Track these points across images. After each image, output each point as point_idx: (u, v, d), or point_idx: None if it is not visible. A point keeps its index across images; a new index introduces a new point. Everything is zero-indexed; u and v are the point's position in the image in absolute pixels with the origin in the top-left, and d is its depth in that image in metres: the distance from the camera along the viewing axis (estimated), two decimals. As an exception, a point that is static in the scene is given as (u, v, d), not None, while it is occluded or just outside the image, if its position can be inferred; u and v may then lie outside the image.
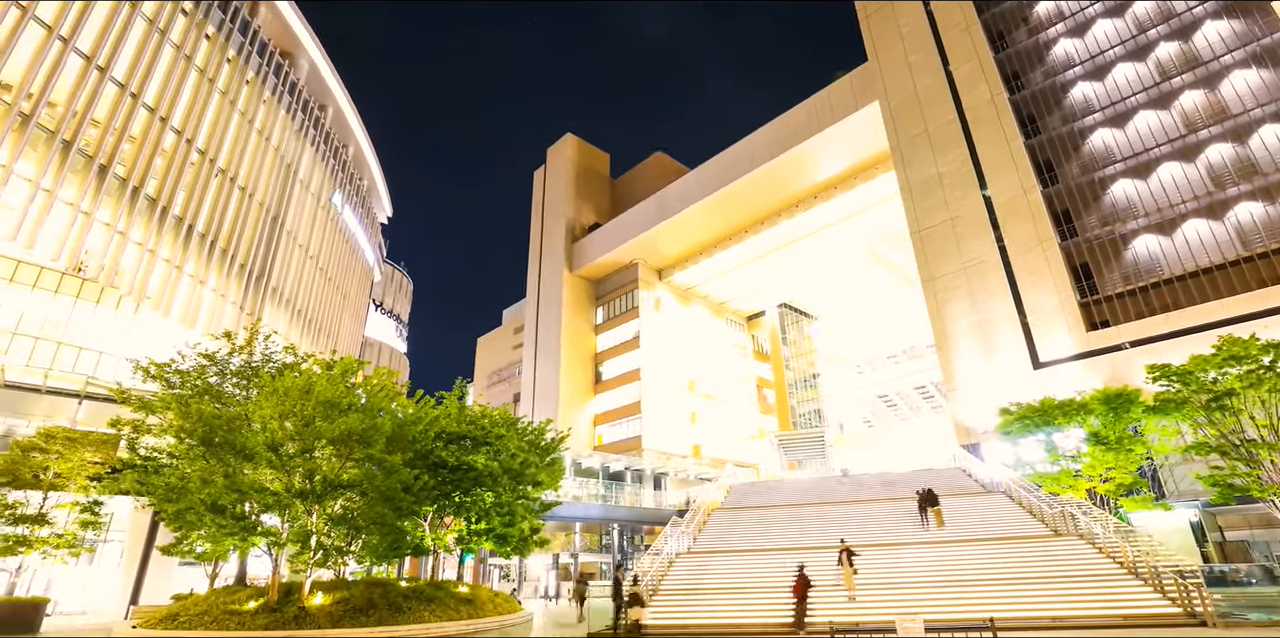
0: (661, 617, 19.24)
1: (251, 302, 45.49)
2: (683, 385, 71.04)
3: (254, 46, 46.59)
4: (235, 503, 18.53)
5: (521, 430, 28.09)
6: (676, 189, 67.56)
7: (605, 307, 76.05)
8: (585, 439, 67.24)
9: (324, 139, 58.55)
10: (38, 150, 31.46)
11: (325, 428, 18.36)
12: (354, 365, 22.85)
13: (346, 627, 16.43)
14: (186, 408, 19.76)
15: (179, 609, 17.60)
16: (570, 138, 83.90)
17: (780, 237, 65.81)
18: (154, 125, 37.55)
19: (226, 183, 43.49)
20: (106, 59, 34.53)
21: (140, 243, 36.44)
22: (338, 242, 63.39)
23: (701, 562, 23.89)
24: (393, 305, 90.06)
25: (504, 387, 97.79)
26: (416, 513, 23.18)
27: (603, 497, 46.48)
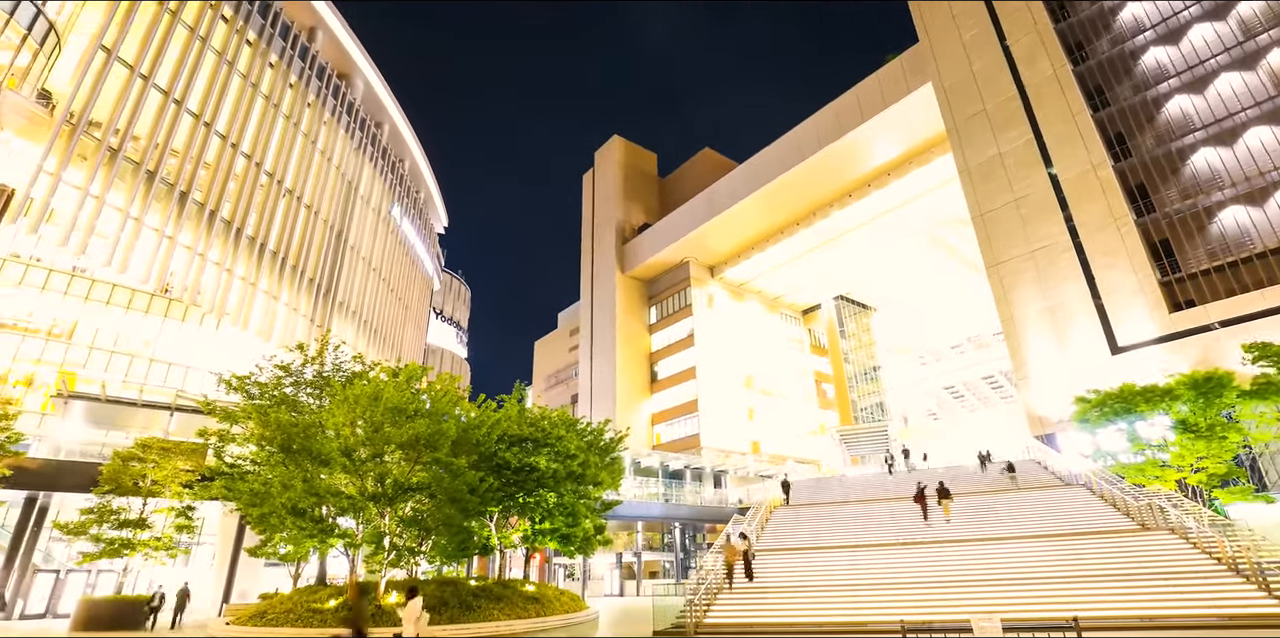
0: (727, 615, 19.14)
1: (321, 314, 47.69)
2: (739, 382, 70.44)
3: (313, 71, 48.82)
4: (313, 507, 19.49)
5: (581, 431, 28.45)
6: (725, 185, 67.04)
7: (658, 306, 76.16)
8: (643, 439, 67.53)
9: (381, 155, 60.76)
10: (126, 181, 33.85)
11: (394, 433, 19.03)
12: (418, 372, 23.62)
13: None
14: (266, 417, 20.86)
15: (266, 607, 18.68)
16: (617, 140, 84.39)
17: (834, 228, 64.43)
18: (226, 151, 39.83)
19: (293, 202, 45.72)
20: (182, 92, 36.84)
21: (218, 263, 38.72)
22: (398, 253, 65.68)
23: (765, 560, 23.63)
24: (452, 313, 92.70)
25: (562, 389, 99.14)
26: (483, 514, 23.81)
27: (663, 496, 46.60)
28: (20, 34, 27.78)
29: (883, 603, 18.00)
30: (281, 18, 45.60)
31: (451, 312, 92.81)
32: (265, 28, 43.64)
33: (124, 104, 33.67)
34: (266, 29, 43.77)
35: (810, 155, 57.93)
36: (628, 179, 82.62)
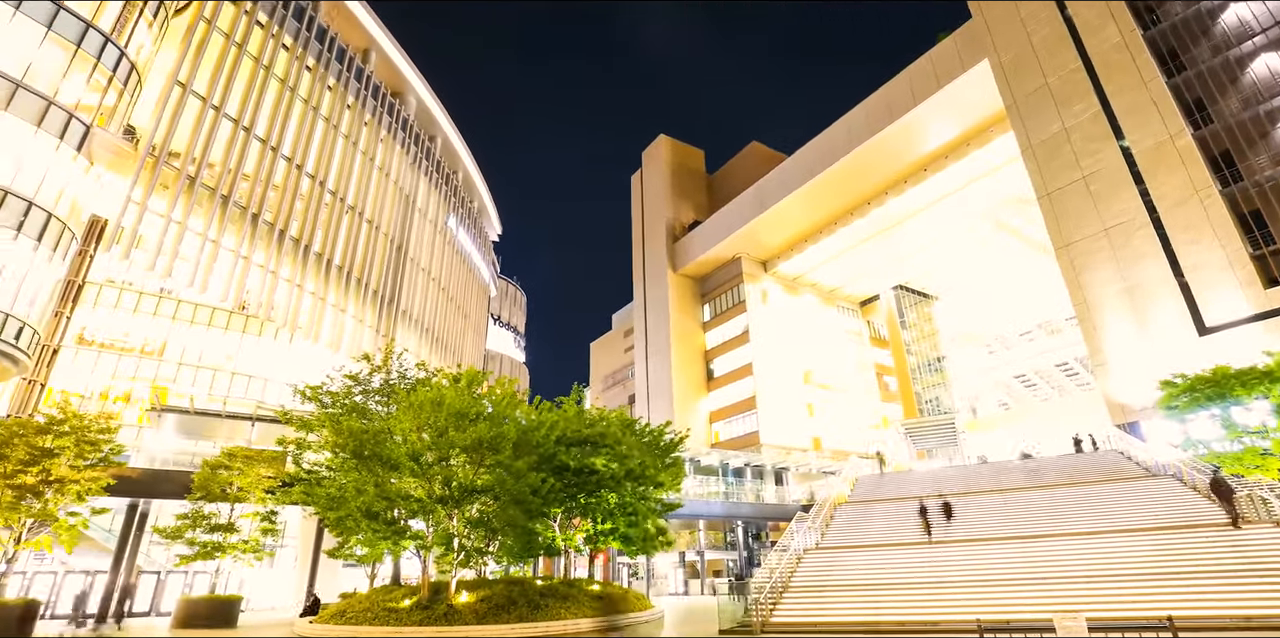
0: (793, 614, 18.93)
1: (385, 324, 49.58)
2: (797, 378, 69.30)
3: (368, 91, 50.80)
4: (386, 510, 20.29)
5: (639, 432, 28.60)
6: (775, 178, 66.09)
7: (711, 303, 75.74)
8: (702, 437, 67.34)
9: (435, 168, 62.67)
10: (203, 206, 36.09)
11: (457, 437, 19.61)
12: (478, 377, 24.26)
13: (490, 623, 17.55)
14: (338, 425, 21.84)
15: (346, 606, 19.58)
16: (663, 139, 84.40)
17: (889, 216, 62.58)
18: (291, 172, 41.92)
19: (356, 218, 47.70)
20: (250, 119, 38.99)
21: (289, 279, 40.78)
22: (455, 263, 67.58)
23: (831, 558, 23.24)
24: (509, 318, 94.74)
25: (619, 389, 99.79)
26: (546, 515, 24.24)
27: (724, 494, 46.34)
28: (107, 75, 29.97)
29: (957, 602, 17.44)
30: (337, 42, 47.64)
31: (509, 317, 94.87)
32: (323, 52, 45.69)
33: (199, 134, 35.88)
34: (324, 53, 45.82)
35: (861, 143, 56.47)
36: (676, 177, 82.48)
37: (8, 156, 25.28)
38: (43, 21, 27.19)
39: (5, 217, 24.89)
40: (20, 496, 19.62)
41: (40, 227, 26.38)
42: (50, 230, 26.92)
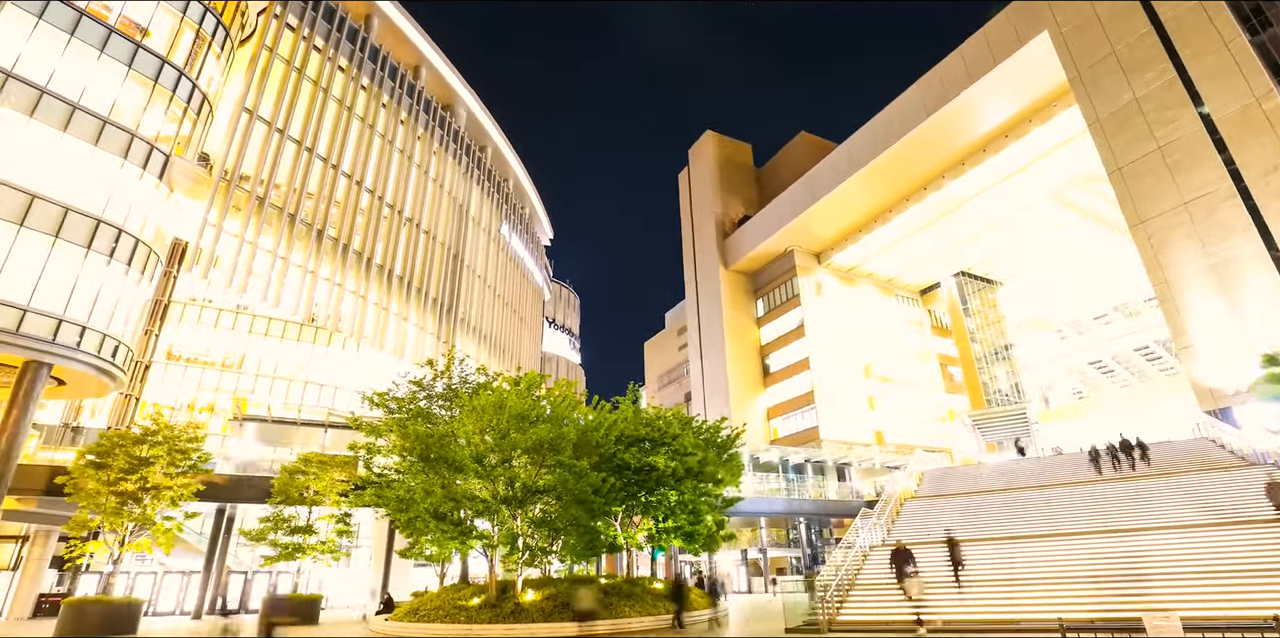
0: (860, 612, 18.58)
1: (445, 331, 51.08)
2: (857, 371, 67.67)
3: (420, 105, 52.47)
4: (452, 511, 20.91)
5: (697, 429, 28.56)
6: (825, 167, 64.73)
7: (765, 298, 74.81)
8: (760, 434, 66.62)
9: (487, 177, 64.14)
10: (273, 225, 38.05)
11: (519, 439, 20.01)
12: (537, 380, 24.72)
13: (557, 621, 17.88)
14: (405, 429, 22.63)
15: (418, 604, 20.33)
16: (709, 135, 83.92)
17: (948, 200, 60.39)
18: (351, 189, 43.71)
19: (413, 229, 49.35)
20: (311, 140, 40.88)
21: (354, 291, 42.55)
22: (510, 268, 69.00)
23: (899, 555, 22.63)
24: (564, 321, 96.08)
25: (674, 388, 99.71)
26: (607, 513, 24.47)
27: (785, 491, 45.74)
28: (182, 107, 31.99)
29: (1036, 599, 16.77)
30: (389, 60, 49.39)
31: (563, 320, 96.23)
32: (376, 71, 47.46)
33: (266, 156, 37.85)
34: (377, 72, 47.59)
35: (915, 126, 54.67)
36: (723, 172, 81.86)
37: (99, 188, 27.31)
38: (124, 61, 29.26)
39: (99, 244, 26.91)
40: (122, 501, 21.20)
41: (129, 252, 28.37)
42: (138, 255, 28.93)
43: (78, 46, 27.64)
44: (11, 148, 24.82)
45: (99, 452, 21.95)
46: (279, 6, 39.48)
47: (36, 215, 25.01)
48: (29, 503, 27.88)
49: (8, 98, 24.99)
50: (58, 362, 25.09)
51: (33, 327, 24.22)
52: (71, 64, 27.27)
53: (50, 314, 24.79)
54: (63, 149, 26.33)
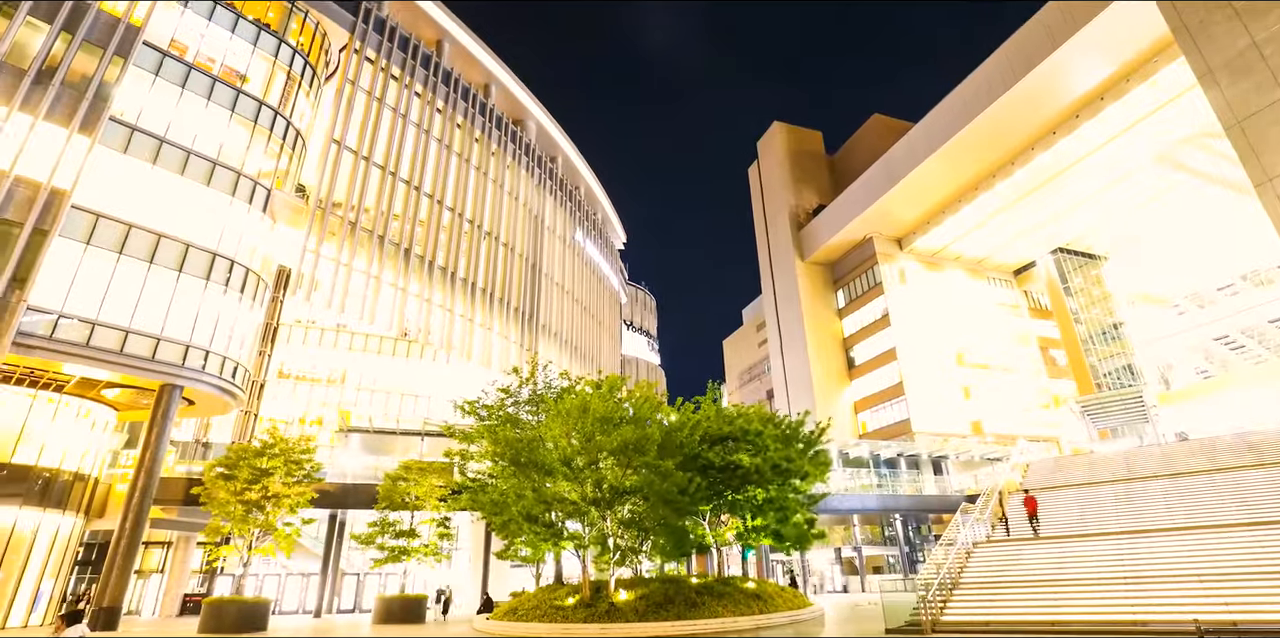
0: (965, 612, 17.80)
1: (528, 339, 52.68)
2: (949, 359, 64.53)
3: (492, 122, 54.42)
4: (544, 513, 21.57)
5: (780, 426, 28.20)
6: (902, 148, 62.24)
7: (845, 289, 72.69)
8: (848, 428, 64.74)
9: (559, 186, 65.62)
10: (364, 247, 40.49)
11: (604, 441, 20.41)
12: (618, 382, 25.13)
13: (651, 620, 18.13)
14: (495, 435, 23.58)
15: (516, 604, 21.14)
16: (778, 126, 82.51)
17: (1038, 173, 56.71)
18: (433, 208, 45.90)
19: (493, 243, 51.23)
20: (394, 164, 43.24)
21: (441, 305, 44.61)
22: (586, 274, 70.26)
23: (1006, 551, 21.56)
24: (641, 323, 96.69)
25: (756, 385, 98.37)
26: (695, 513, 24.58)
27: (877, 486, 44.24)
28: (279, 143, 34.70)
29: (1163, 599, 15.55)
30: (461, 82, 51.52)
31: (641, 322, 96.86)
32: (449, 93, 49.64)
33: (355, 183, 40.37)
34: (450, 94, 49.76)
35: (997, 98, 51.66)
36: (794, 163, 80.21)
37: (212, 224, 30.02)
38: (227, 106, 32.06)
39: (216, 275, 29.57)
40: (248, 509, 23.23)
41: (242, 281, 31.01)
42: (249, 283, 31.57)
43: (189, 97, 30.50)
44: (139, 194, 27.66)
45: (226, 464, 24.19)
46: (358, 42, 42.00)
47: (163, 253, 27.77)
48: (171, 512, 31.03)
49: (134, 149, 27.90)
50: (187, 384, 27.72)
51: (165, 353, 26.89)
52: (184, 114, 30.13)
53: (179, 341, 27.44)
54: (180, 191, 29.10)
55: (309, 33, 39.16)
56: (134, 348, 25.90)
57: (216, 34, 32.82)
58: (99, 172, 26.31)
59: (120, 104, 27.71)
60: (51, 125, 25.30)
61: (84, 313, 24.93)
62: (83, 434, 28.67)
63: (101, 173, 26.43)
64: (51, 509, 26.55)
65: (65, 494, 27.22)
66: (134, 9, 28.81)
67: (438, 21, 49.00)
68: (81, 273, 25.17)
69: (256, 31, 34.68)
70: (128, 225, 26.87)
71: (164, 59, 29.93)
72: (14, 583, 24.97)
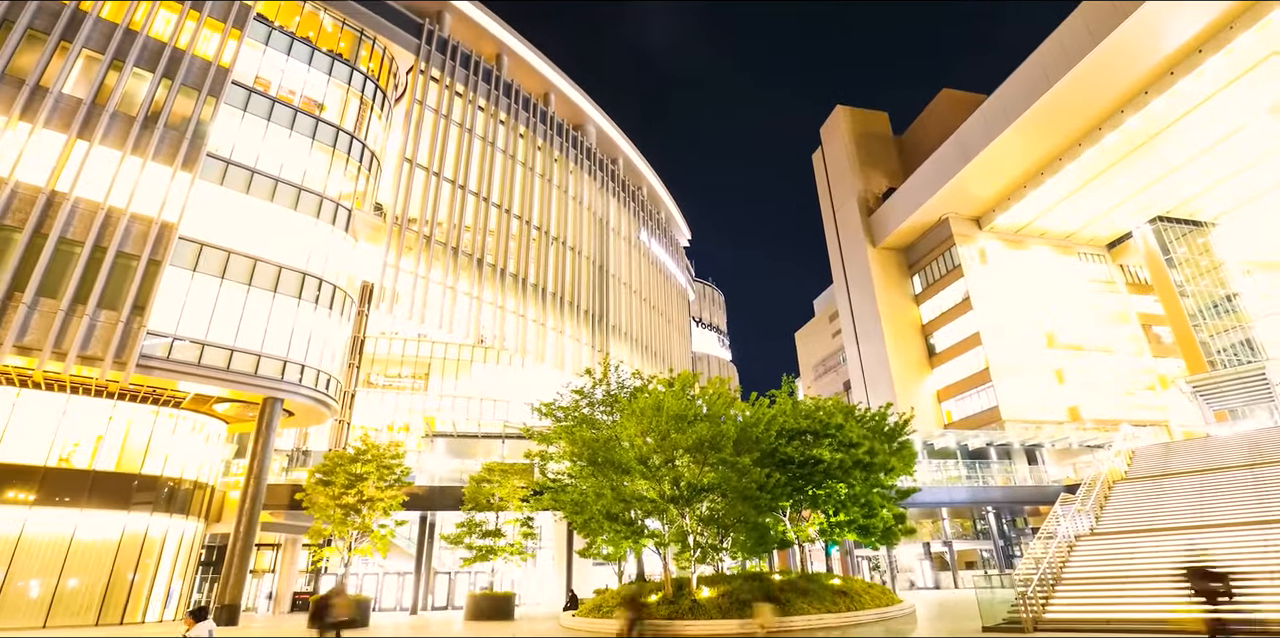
0: (1070, 610, 16.89)
1: (599, 340, 53.45)
2: (1038, 341, 60.95)
3: (553, 130, 55.55)
4: (623, 511, 21.85)
5: (860, 418, 27.54)
6: (976, 122, 59.27)
7: (921, 274, 69.90)
8: (931, 418, 62.25)
9: (621, 187, 66.20)
10: (440, 259, 42.19)
11: (679, 439, 20.47)
12: (690, 379, 25.16)
13: (734, 617, 18.09)
14: (572, 436, 24.09)
15: (601, 601, 21.54)
16: (840, 110, 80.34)
17: (1129, 138, 52.78)
18: (502, 217, 47.31)
19: (560, 247, 52.31)
20: (463, 177, 44.87)
21: (514, 311, 45.92)
22: (653, 273, 70.56)
23: (1111, 544, 20.29)
24: (710, 319, 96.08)
25: (831, 377, 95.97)
26: (775, 509, 24.32)
27: (966, 478, 42.29)
28: (356, 166, 36.71)
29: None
30: (521, 92, 52.87)
31: (710, 318, 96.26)
32: (511, 105, 51.04)
33: (427, 198, 42.13)
34: (512, 105, 51.16)
35: (1080, 60, 48.26)
36: (860, 146, 77.84)
37: (300, 245, 32.07)
38: (308, 134, 34.18)
39: (306, 293, 31.58)
40: (346, 512, 24.72)
41: (330, 297, 32.99)
42: (337, 299, 33.54)
43: (274, 129, 32.73)
44: (235, 221, 29.90)
45: (324, 471, 25.84)
46: (423, 63, 43.80)
47: (259, 275, 29.90)
48: (278, 516, 33.39)
49: (230, 181, 30.18)
50: (287, 396, 29.73)
51: (266, 368, 28.94)
52: (270, 144, 32.34)
53: (277, 357, 29.47)
54: (271, 216, 31.25)
55: (377, 58, 41.16)
56: (239, 365, 28.01)
57: (295, 67, 35.04)
58: (200, 203, 28.60)
59: (215, 140, 30.01)
60: (158, 165, 27.70)
61: (194, 334, 27.17)
62: (199, 446, 31.29)
63: (202, 204, 28.71)
64: (176, 515, 29.11)
65: (187, 501, 29.78)
66: (223, 52, 31.13)
67: (496, 36, 50.44)
68: (190, 298, 27.42)
69: (330, 62, 36.80)
70: (227, 252, 29.08)
71: (250, 95, 32.22)
72: (149, 583, 27.53)
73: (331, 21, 38.84)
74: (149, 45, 29.27)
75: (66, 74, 26.78)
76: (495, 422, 43.80)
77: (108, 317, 24.91)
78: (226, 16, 31.99)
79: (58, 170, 25.46)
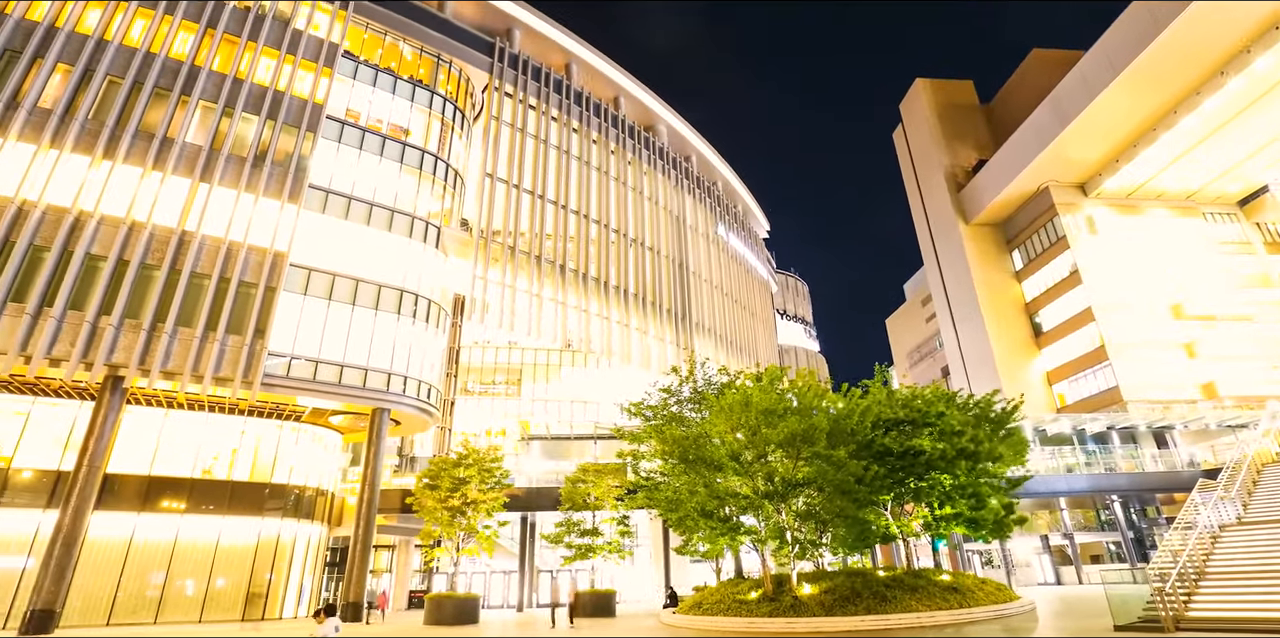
0: (1216, 607, 15.42)
1: (683, 338, 53.56)
2: (1161, 313, 55.63)
3: (625, 133, 56.26)
4: (718, 508, 21.86)
5: (963, 405, 26.29)
6: (1073, 81, 54.83)
7: (1021, 249, 65.51)
8: (1042, 402, 58.17)
9: (696, 184, 66.04)
10: (524, 268, 43.70)
11: (770, 434, 20.25)
12: (778, 373, 24.90)
13: (838, 615, 17.68)
14: (662, 434, 24.35)
15: (700, 599, 21.62)
16: (920, 83, 76.77)
17: (1258, 81, 47.29)
18: (580, 223, 48.41)
19: (639, 248, 52.88)
20: (541, 188, 46.27)
21: (598, 314, 46.83)
22: (733, 267, 69.93)
23: (1264, 535, 18.35)
24: (795, 310, 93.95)
25: (928, 363, 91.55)
26: (875, 503, 23.59)
27: (1085, 465, 39.22)
28: (442, 185, 38.68)
29: None
30: (591, 99, 53.87)
31: (794, 309, 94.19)
32: (582, 112, 52.12)
33: (509, 211, 43.75)
34: (583, 113, 52.24)
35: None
36: (944, 119, 73.98)
37: (396, 264, 34.15)
38: (397, 159, 36.38)
39: (404, 309, 33.59)
40: (452, 514, 26.09)
41: (426, 312, 34.92)
42: (432, 313, 35.46)
43: (366, 157, 35.08)
44: (337, 245, 32.22)
45: (430, 476, 27.41)
46: (496, 80, 45.55)
47: (361, 295, 32.08)
48: (392, 519, 35.71)
49: (330, 209, 32.56)
50: (393, 406, 31.71)
51: (373, 381, 31.00)
52: (363, 171, 34.67)
53: (382, 370, 31.49)
54: (368, 239, 33.46)
55: (454, 80, 43.16)
56: (349, 379, 30.16)
57: (381, 97, 37.36)
58: (305, 231, 31.01)
59: (314, 172, 32.46)
60: (268, 199, 30.28)
61: (308, 353, 29.49)
62: (319, 456, 33.96)
63: (307, 232, 31.12)
64: (304, 520, 31.73)
65: (312, 507, 32.39)
66: (316, 89, 33.65)
67: (564, 46, 51.68)
68: (302, 319, 29.78)
69: (412, 88, 38.97)
70: (332, 275, 31.38)
71: (343, 127, 34.68)
72: (283, 583, 30.14)
73: (410, 50, 41.04)
74: (253, 90, 32.05)
75: (188, 124, 29.74)
76: (586, 423, 44.93)
77: (234, 341, 27.46)
78: (318, 56, 34.55)
79: (185, 211, 28.33)
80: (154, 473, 27.93)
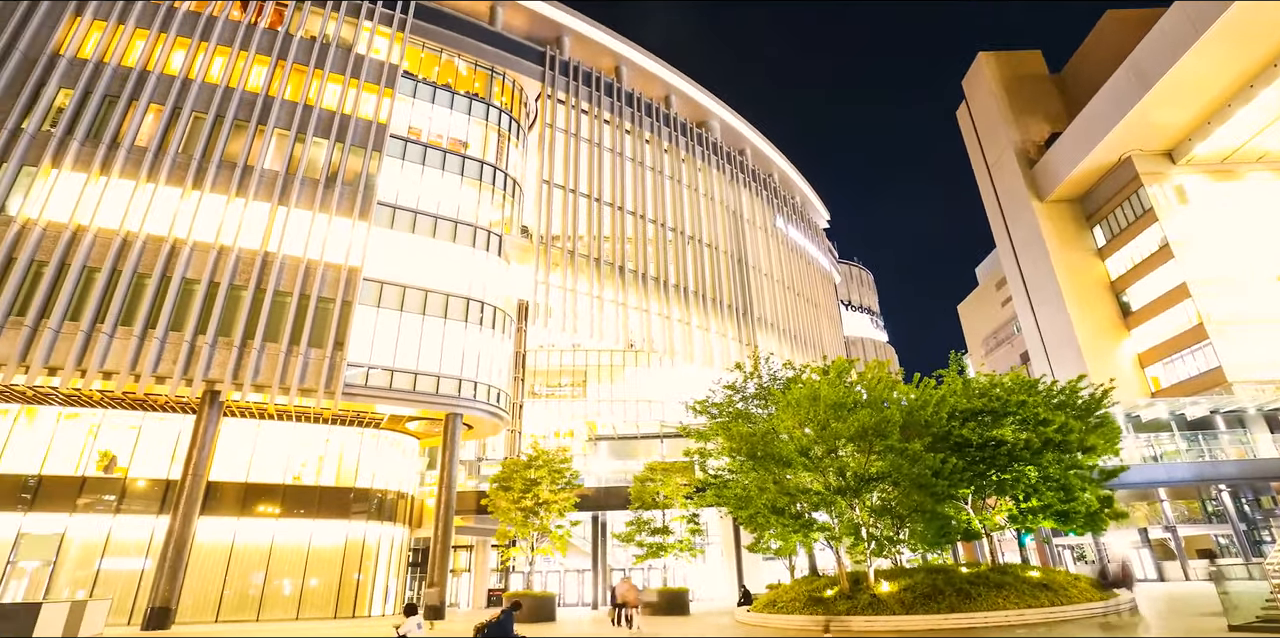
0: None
1: (746, 334, 53.05)
2: (1268, 285, 51.01)
3: (677, 131, 56.23)
4: (789, 504, 21.51)
5: (1046, 392, 25.05)
6: (1155, 41, 51.07)
7: (1103, 225, 61.58)
8: (1134, 387, 54.45)
9: (752, 177, 65.29)
10: (584, 271, 44.33)
11: (840, 428, 19.82)
12: (845, 366, 24.35)
13: (919, 613, 17.16)
14: (729, 431, 24.16)
15: (775, 596, 21.37)
16: (983, 57, 73.38)
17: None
18: (638, 223, 48.71)
19: (698, 246, 52.75)
20: (598, 191, 46.86)
21: (660, 313, 46.99)
22: (794, 260, 68.74)
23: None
24: (861, 300, 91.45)
25: (1005, 349, 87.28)
26: (954, 497, 22.75)
27: (1186, 452, 36.42)
28: (502, 194, 39.75)
29: None
30: (642, 99, 54.13)
31: (860, 300, 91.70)
32: (634, 114, 52.44)
33: (567, 215, 44.50)
34: (635, 114, 52.54)
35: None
36: (1011, 93, 70.41)
37: (462, 273, 35.32)
38: (457, 172, 37.66)
39: (471, 317, 34.71)
40: (526, 515, 26.77)
41: (492, 318, 35.97)
42: (498, 319, 36.49)
43: (428, 171, 36.46)
44: (405, 258, 33.61)
45: (502, 478, 28.19)
46: (549, 88, 46.42)
47: (431, 305, 33.36)
48: (468, 520, 36.95)
49: (397, 223, 34.03)
50: (465, 411, 32.81)
51: (446, 388, 32.17)
52: (426, 185, 36.04)
53: (454, 376, 32.64)
54: (434, 250, 34.76)
55: (508, 91, 44.27)
56: (423, 386, 31.41)
57: (440, 113, 38.75)
58: (375, 247, 32.50)
59: (381, 189, 33.97)
60: (340, 218, 31.91)
61: (384, 362, 30.89)
62: (398, 461, 35.52)
63: (377, 247, 32.60)
64: (386, 522, 33.25)
65: (394, 509, 33.90)
66: (380, 110, 35.24)
67: (612, 49, 52.15)
68: (377, 330, 31.23)
69: (469, 103, 40.22)
70: (403, 287, 32.77)
71: (406, 145, 36.16)
72: (370, 582, 31.68)
73: (465, 65, 42.33)
74: (322, 116, 33.85)
75: (265, 152, 31.69)
76: (652, 422, 45.16)
77: (316, 354, 29.07)
78: (379, 78, 36.15)
79: (267, 233, 30.19)
80: (250, 480, 29.91)
